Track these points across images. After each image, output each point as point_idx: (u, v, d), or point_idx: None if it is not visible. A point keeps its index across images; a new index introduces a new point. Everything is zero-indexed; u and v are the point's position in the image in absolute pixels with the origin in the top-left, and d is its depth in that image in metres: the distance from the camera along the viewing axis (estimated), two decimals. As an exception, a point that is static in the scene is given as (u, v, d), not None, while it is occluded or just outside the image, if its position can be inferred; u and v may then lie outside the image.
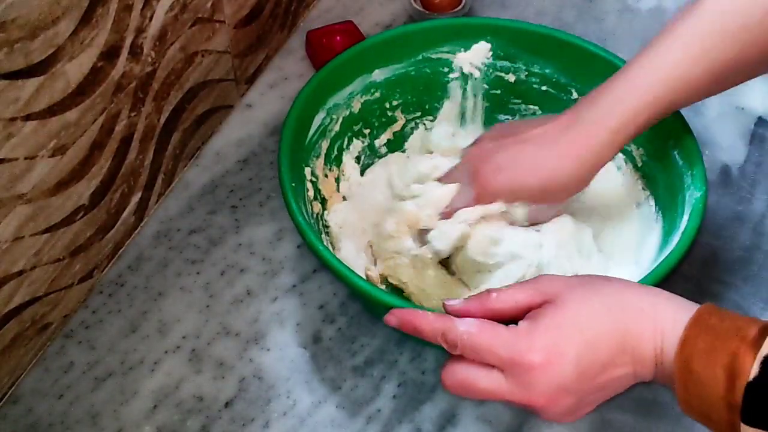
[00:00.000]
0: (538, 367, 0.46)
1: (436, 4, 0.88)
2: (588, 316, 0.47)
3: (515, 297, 0.50)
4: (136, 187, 0.69)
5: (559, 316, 0.47)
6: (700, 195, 0.59)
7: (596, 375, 0.47)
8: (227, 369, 0.63)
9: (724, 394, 0.42)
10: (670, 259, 0.56)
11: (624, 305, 0.47)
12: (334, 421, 0.61)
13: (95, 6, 0.55)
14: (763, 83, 0.86)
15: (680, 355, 0.44)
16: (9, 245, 0.55)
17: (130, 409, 0.61)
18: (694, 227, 0.57)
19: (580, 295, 0.48)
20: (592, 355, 0.46)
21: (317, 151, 0.68)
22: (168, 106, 0.69)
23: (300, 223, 0.58)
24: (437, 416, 0.61)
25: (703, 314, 0.45)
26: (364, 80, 0.71)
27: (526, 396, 0.47)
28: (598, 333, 0.46)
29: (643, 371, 0.47)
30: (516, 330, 0.48)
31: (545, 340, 0.46)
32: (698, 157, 0.62)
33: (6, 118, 0.50)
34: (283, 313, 0.67)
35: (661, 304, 0.47)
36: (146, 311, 0.66)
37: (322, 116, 0.68)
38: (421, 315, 0.50)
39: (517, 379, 0.47)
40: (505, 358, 0.47)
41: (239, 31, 0.77)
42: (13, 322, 0.58)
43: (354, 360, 0.64)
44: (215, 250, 0.70)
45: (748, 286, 0.70)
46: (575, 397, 0.47)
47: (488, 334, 0.48)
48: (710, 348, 0.43)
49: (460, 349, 0.48)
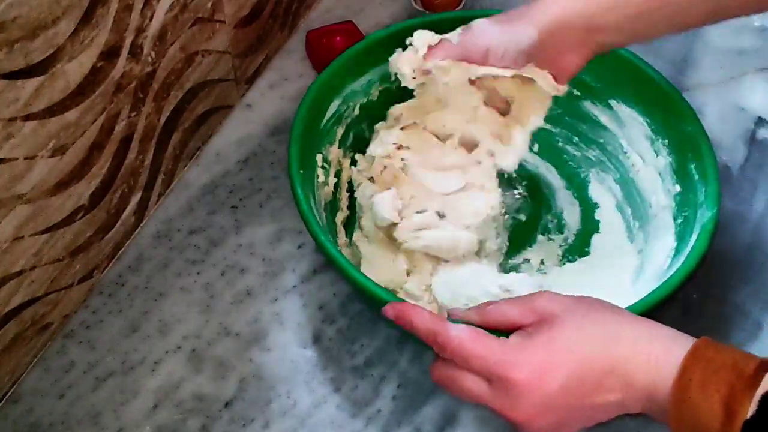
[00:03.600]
0: (522, 385, 0.46)
1: (436, 4, 0.88)
2: (580, 339, 0.47)
3: (507, 313, 0.50)
4: (136, 187, 0.69)
5: (552, 337, 0.47)
6: (711, 215, 0.59)
7: (583, 396, 0.46)
8: (227, 369, 0.63)
9: (720, 429, 0.41)
10: (671, 282, 0.56)
11: (619, 334, 0.47)
12: (334, 421, 0.61)
13: (95, 6, 0.55)
14: (763, 83, 0.86)
15: (677, 385, 0.43)
16: (9, 245, 0.55)
17: (131, 409, 0.61)
18: (701, 249, 0.57)
19: (577, 319, 0.48)
20: (580, 374, 0.46)
21: (331, 137, 0.68)
22: (168, 106, 0.69)
23: (304, 211, 0.58)
24: (437, 417, 0.61)
25: (701, 347, 0.44)
26: (383, 69, 0.70)
27: (507, 409, 0.47)
28: (589, 356, 0.46)
29: (632, 402, 0.46)
30: (506, 343, 0.48)
31: (534, 358, 0.46)
32: (714, 176, 0.61)
33: (6, 118, 0.50)
34: (284, 313, 0.67)
35: (658, 336, 0.46)
36: (146, 311, 0.66)
37: (338, 103, 0.68)
38: (418, 312, 0.51)
39: (501, 392, 0.47)
40: (492, 369, 0.47)
41: (239, 31, 0.77)
42: (13, 322, 0.58)
43: (354, 360, 0.64)
44: (215, 251, 0.70)
45: (748, 287, 0.70)
46: (557, 416, 0.47)
47: (478, 344, 0.48)
48: (707, 380, 0.42)
49: (449, 354, 0.48)
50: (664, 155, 0.66)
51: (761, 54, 0.89)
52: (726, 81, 0.87)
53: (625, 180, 0.71)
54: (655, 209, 0.67)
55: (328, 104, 0.67)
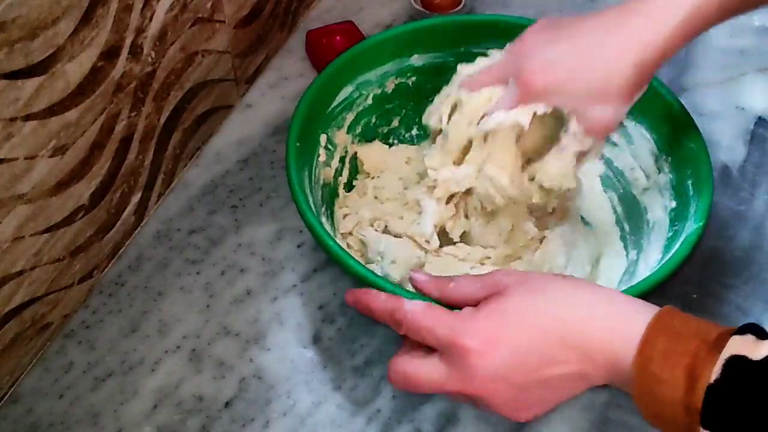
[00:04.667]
0: (473, 352, 0.46)
1: (436, 4, 0.88)
2: (532, 308, 0.46)
3: (464, 287, 0.51)
4: (136, 187, 0.69)
5: (502, 305, 0.47)
6: (697, 227, 0.58)
7: (536, 368, 0.45)
8: (227, 369, 0.63)
9: (683, 397, 0.40)
10: (647, 281, 0.55)
11: (573, 304, 0.46)
12: (334, 421, 0.61)
13: (95, 6, 0.55)
14: (763, 83, 0.86)
15: (639, 356, 0.42)
16: (9, 245, 0.55)
17: (130, 409, 0.61)
18: (679, 259, 0.56)
19: (529, 288, 0.47)
20: (530, 345, 0.45)
21: (339, 122, 0.69)
22: (168, 106, 0.69)
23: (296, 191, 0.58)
24: (437, 416, 0.61)
25: (664, 316, 0.43)
26: (401, 63, 0.71)
27: (464, 384, 0.47)
28: (540, 326, 0.45)
29: (593, 372, 0.45)
30: (458, 314, 0.48)
31: (484, 325, 0.46)
32: (708, 192, 0.60)
33: (6, 118, 0.50)
34: (283, 313, 0.67)
35: (617, 305, 0.46)
36: (146, 311, 0.66)
37: (350, 90, 0.69)
38: (374, 294, 0.52)
39: (454, 365, 0.47)
40: (442, 339, 0.47)
41: (239, 31, 0.77)
42: (13, 322, 0.58)
43: (354, 360, 0.64)
44: (215, 250, 0.70)
45: (748, 287, 0.70)
46: (515, 389, 0.46)
47: (430, 315, 0.49)
48: (671, 349, 0.41)
49: (405, 329, 0.50)
50: (666, 172, 0.66)
51: (761, 54, 0.89)
52: (726, 81, 0.87)
53: (627, 196, 0.70)
54: (651, 224, 0.66)
55: (340, 88, 0.68)
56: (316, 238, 0.56)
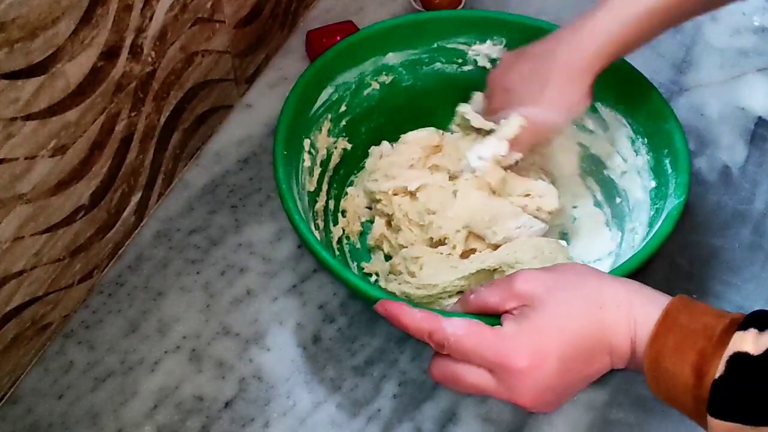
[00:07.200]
0: (524, 371, 0.47)
1: (436, 4, 0.88)
2: (568, 315, 0.49)
3: (488, 300, 0.51)
4: (136, 187, 0.69)
5: (540, 319, 0.49)
6: (678, 203, 0.60)
7: (579, 370, 0.49)
8: (227, 369, 0.63)
9: (692, 389, 0.44)
10: (633, 260, 0.57)
11: (602, 301, 0.49)
12: (334, 421, 0.61)
13: (95, 6, 0.55)
14: (763, 83, 0.86)
15: (650, 350, 0.46)
16: (9, 245, 0.55)
17: (130, 409, 0.61)
18: (663, 234, 0.58)
19: (560, 296, 0.49)
20: (573, 352, 0.48)
21: (319, 125, 0.69)
22: (168, 106, 0.69)
23: (286, 199, 0.59)
24: (438, 415, 0.61)
25: (672, 311, 0.46)
26: (377, 62, 0.72)
27: (512, 395, 0.49)
28: (579, 331, 0.48)
29: (618, 361, 0.49)
30: (501, 333, 0.49)
31: (529, 344, 0.48)
32: (686, 168, 0.62)
33: (6, 118, 0.50)
34: (283, 313, 0.67)
35: (635, 296, 0.48)
36: (146, 311, 0.66)
37: (330, 91, 0.69)
38: (407, 312, 0.51)
39: (504, 382, 0.48)
40: (492, 361, 0.48)
41: (239, 31, 0.77)
42: (13, 322, 0.58)
43: (354, 360, 0.64)
44: (215, 250, 0.70)
45: (749, 286, 0.70)
46: (557, 394, 0.49)
47: (474, 339, 0.49)
48: (679, 347, 0.45)
49: (447, 350, 0.50)
50: (643, 154, 0.67)
51: (761, 54, 0.89)
52: (726, 81, 0.87)
53: (605, 180, 0.71)
54: (632, 205, 0.68)
55: (320, 92, 0.69)
56: (309, 248, 0.57)
